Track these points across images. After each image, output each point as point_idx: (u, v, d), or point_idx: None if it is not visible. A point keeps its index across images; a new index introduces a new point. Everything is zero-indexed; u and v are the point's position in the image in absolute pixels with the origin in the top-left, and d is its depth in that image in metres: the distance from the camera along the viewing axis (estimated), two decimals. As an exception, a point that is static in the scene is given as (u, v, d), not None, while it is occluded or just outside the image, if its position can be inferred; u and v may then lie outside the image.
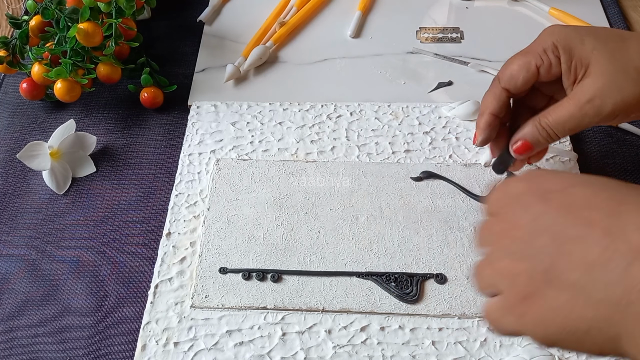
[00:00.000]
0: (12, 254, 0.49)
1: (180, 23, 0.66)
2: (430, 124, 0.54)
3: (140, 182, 0.53)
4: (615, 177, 0.42)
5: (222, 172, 0.51)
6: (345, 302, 0.44)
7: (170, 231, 0.48)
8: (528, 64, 0.41)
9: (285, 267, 0.46)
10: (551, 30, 0.41)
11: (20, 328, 0.45)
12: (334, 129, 0.54)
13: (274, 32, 0.63)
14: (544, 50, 0.41)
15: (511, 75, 0.42)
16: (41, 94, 0.57)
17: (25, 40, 0.56)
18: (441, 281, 0.45)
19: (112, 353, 0.44)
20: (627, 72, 0.38)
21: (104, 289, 0.47)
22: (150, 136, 0.56)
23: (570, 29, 0.41)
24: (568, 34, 0.41)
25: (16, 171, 0.54)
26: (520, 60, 0.42)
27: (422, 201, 0.49)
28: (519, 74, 0.42)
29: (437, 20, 0.65)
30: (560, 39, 0.41)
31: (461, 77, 0.59)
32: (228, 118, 0.55)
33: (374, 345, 0.42)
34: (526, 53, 0.42)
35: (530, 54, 0.42)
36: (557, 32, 0.41)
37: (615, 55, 0.39)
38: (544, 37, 0.42)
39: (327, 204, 0.49)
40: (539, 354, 0.41)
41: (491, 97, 0.43)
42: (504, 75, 0.43)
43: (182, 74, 0.61)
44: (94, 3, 0.53)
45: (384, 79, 0.59)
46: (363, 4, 0.66)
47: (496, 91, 0.43)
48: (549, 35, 0.41)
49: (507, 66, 0.43)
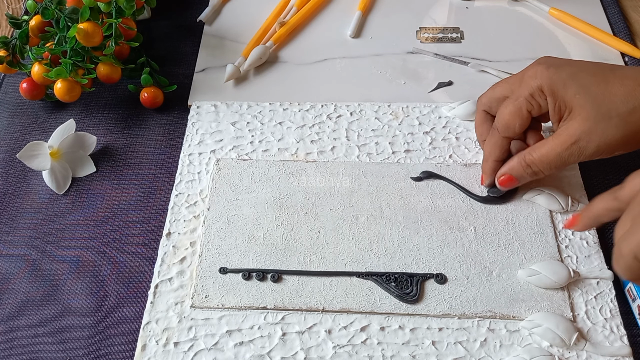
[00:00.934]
0: (12, 254, 0.49)
1: (180, 23, 0.66)
2: (430, 124, 0.54)
3: (140, 182, 0.53)
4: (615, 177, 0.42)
5: (222, 172, 0.51)
6: (345, 302, 0.44)
7: (170, 231, 0.48)
8: (520, 111, 0.44)
9: (285, 267, 0.46)
10: (534, 74, 0.44)
11: (20, 328, 0.45)
12: (334, 129, 0.54)
13: (274, 32, 0.63)
14: (531, 95, 0.44)
15: (507, 125, 0.45)
16: (41, 94, 0.57)
17: (25, 40, 0.56)
18: (441, 281, 0.45)
19: (112, 353, 0.44)
20: (610, 118, 0.41)
21: (104, 289, 0.47)
22: (150, 136, 0.56)
23: (553, 71, 0.43)
24: (551, 78, 0.43)
25: (16, 171, 0.54)
26: (511, 107, 0.44)
27: (422, 201, 0.49)
28: (514, 123, 0.45)
29: (437, 20, 0.65)
30: (544, 83, 0.43)
31: (461, 77, 0.59)
32: (228, 118, 0.55)
33: (374, 345, 0.42)
34: (515, 99, 0.44)
35: (519, 100, 0.44)
36: (540, 76, 0.43)
37: (598, 101, 0.41)
38: (528, 81, 0.44)
39: (327, 204, 0.49)
40: (539, 354, 0.41)
41: (493, 146, 0.47)
42: (500, 125, 0.45)
43: (182, 74, 0.61)
44: (94, 3, 0.53)
45: (384, 79, 0.59)
46: (363, 4, 0.66)
47: (497, 140, 0.46)
48: (533, 79, 0.44)
49: (500, 116, 0.45)
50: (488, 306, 0.43)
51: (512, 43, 0.62)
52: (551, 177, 0.49)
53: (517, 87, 0.45)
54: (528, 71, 0.44)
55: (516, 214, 0.48)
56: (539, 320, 0.42)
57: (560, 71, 0.43)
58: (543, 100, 0.44)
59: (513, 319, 0.43)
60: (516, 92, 0.45)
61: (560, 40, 0.62)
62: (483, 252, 0.46)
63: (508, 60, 0.60)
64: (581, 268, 0.45)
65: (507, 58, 0.60)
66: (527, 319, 0.43)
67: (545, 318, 0.42)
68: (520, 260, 0.46)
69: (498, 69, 0.59)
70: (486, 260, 0.46)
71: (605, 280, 0.44)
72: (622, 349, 0.41)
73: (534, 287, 0.44)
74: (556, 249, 0.46)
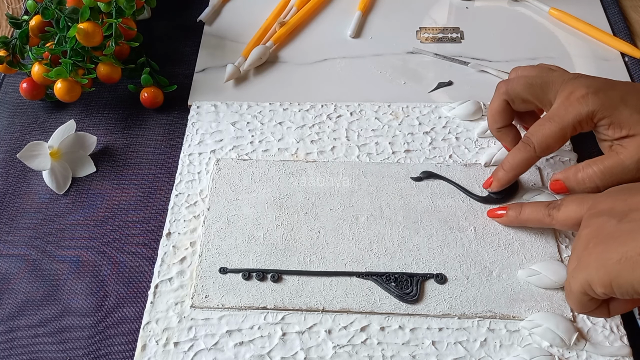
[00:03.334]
0: (12, 254, 0.49)
1: (180, 23, 0.66)
2: (430, 124, 0.54)
3: (140, 182, 0.53)
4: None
5: (222, 172, 0.51)
6: (345, 302, 0.44)
7: (170, 231, 0.48)
8: (564, 137, 0.44)
9: (285, 267, 0.46)
10: (584, 100, 0.43)
11: (20, 328, 0.45)
12: (334, 129, 0.54)
13: (274, 32, 0.63)
14: (579, 122, 0.43)
15: (547, 146, 0.44)
16: (41, 94, 0.57)
17: (25, 40, 0.56)
18: (441, 281, 0.45)
19: (112, 353, 0.44)
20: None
21: (104, 289, 0.47)
22: (150, 136, 0.56)
23: (602, 96, 0.42)
24: (603, 104, 0.42)
25: (16, 171, 0.54)
26: (555, 130, 0.44)
27: (422, 201, 0.49)
28: (554, 145, 0.44)
29: (437, 20, 0.65)
30: (596, 109, 0.42)
31: (461, 77, 0.59)
32: (228, 118, 0.55)
33: (374, 345, 0.42)
34: (559, 121, 0.43)
35: (564, 124, 0.43)
36: (592, 102, 0.42)
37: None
38: (577, 106, 0.43)
39: (327, 204, 0.49)
40: (539, 354, 0.41)
41: (521, 162, 0.46)
42: (539, 146, 0.44)
43: (182, 74, 0.61)
44: (94, 3, 0.53)
45: (384, 79, 0.59)
46: (363, 4, 0.66)
47: (529, 157, 0.45)
48: (583, 105, 0.42)
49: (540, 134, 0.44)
50: (488, 306, 0.43)
51: (512, 43, 0.62)
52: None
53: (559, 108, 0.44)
54: (574, 93, 0.43)
55: (516, 214, 0.48)
56: (539, 320, 0.42)
57: (610, 95, 0.43)
58: (587, 126, 0.43)
59: (513, 319, 0.43)
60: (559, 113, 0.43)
61: (560, 40, 0.62)
62: (483, 252, 0.46)
63: (508, 60, 0.60)
64: (581, 268, 0.45)
65: (507, 58, 0.60)
66: (527, 319, 0.43)
67: (545, 318, 0.42)
68: (520, 260, 0.46)
69: (498, 69, 0.59)
70: (486, 260, 0.46)
71: (605, 280, 0.44)
72: (622, 349, 0.41)
73: (534, 287, 0.44)
74: (556, 249, 0.46)
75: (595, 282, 0.36)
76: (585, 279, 0.36)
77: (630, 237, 0.35)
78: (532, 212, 0.45)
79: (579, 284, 0.37)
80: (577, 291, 0.37)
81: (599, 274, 0.35)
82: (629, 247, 0.34)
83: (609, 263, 0.35)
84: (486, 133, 0.53)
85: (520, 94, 0.46)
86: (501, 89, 0.47)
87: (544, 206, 0.44)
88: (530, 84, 0.45)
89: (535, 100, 0.46)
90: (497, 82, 0.48)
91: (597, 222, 0.38)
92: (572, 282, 0.37)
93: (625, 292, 0.35)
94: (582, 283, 0.36)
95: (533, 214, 0.45)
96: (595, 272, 0.35)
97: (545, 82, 0.45)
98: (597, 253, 0.36)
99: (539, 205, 0.45)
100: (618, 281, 0.34)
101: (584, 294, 0.37)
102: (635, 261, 0.34)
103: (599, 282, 0.35)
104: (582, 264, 0.37)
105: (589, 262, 0.36)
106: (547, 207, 0.44)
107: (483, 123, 0.53)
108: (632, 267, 0.34)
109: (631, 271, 0.34)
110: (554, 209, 0.43)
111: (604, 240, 0.36)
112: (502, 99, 0.47)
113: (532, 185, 0.49)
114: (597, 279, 0.35)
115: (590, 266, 0.36)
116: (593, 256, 0.36)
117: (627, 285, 0.34)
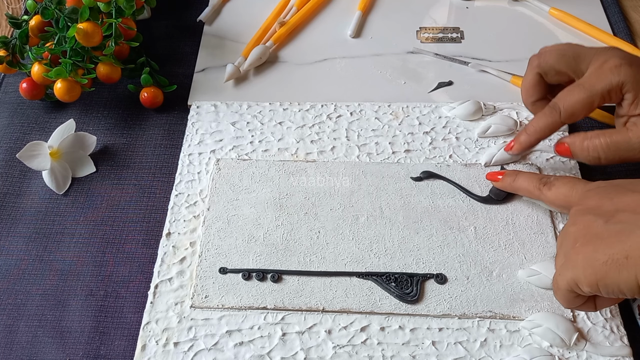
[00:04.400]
0: (12, 254, 0.49)
1: (180, 23, 0.66)
2: (430, 124, 0.54)
3: (140, 182, 0.53)
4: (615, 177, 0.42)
5: (222, 172, 0.51)
6: (345, 302, 0.44)
7: (170, 231, 0.48)
8: (592, 105, 0.43)
9: (285, 267, 0.46)
10: (616, 69, 0.42)
11: (20, 328, 0.45)
12: (334, 129, 0.54)
13: (274, 32, 0.63)
14: (608, 91, 0.42)
15: (573, 113, 0.44)
16: (41, 94, 0.57)
17: (25, 40, 0.56)
18: (441, 281, 0.45)
19: (112, 353, 0.44)
20: None
21: (104, 289, 0.47)
22: (150, 136, 0.56)
23: (636, 69, 0.42)
24: (635, 77, 0.42)
25: (16, 171, 0.54)
26: (583, 97, 0.43)
27: (422, 201, 0.49)
28: (580, 113, 0.44)
29: (437, 20, 0.65)
30: (627, 80, 0.42)
31: (461, 77, 0.59)
32: (228, 118, 0.55)
33: (374, 345, 0.42)
34: (589, 89, 0.43)
35: (593, 93, 0.43)
36: (625, 73, 0.42)
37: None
38: (609, 75, 0.42)
39: (327, 204, 0.49)
40: (539, 354, 0.41)
41: (546, 126, 0.45)
42: (566, 112, 0.44)
43: (182, 74, 0.61)
44: (93, 3, 0.53)
45: (384, 79, 0.59)
46: (363, 4, 0.66)
47: (554, 122, 0.45)
48: (616, 75, 0.42)
49: (568, 101, 0.44)
50: (488, 306, 0.43)
51: (512, 43, 0.62)
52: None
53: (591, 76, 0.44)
54: (608, 62, 0.43)
55: (516, 214, 0.48)
56: (539, 320, 0.42)
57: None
58: (615, 96, 0.43)
59: (513, 319, 0.43)
60: (590, 81, 0.43)
61: (561, 40, 0.62)
62: (483, 252, 0.46)
63: (508, 60, 0.60)
64: (581, 268, 0.45)
65: (507, 58, 0.60)
66: (527, 319, 0.43)
67: (546, 318, 0.42)
68: (521, 260, 0.46)
69: (498, 69, 0.59)
70: (486, 260, 0.46)
71: (605, 280, 0.44)
72: (622, 349, 0.41)
73: (534, 287, 0.44)
74: (556, 249, 0.46)
75: (582, 282, 0.36)
76: (572, 278, 0.37)
77: (617, 239, 0.35)
78: (524, 182, 0.46)
79: (566, 281, 0.37)
80: (564, 288, 0.38)
81: (585, 274, 0.36)
82: (616, 250, 0.35)
83: (596, 264, 0.35)
84: (486, 133, 0.53)
85: (553, 65, 0.46)
86: (534, 62, 0.47)
87: (537, 179, 0.45)
88: (562, 54, 0.46)
89: (569, 71, 0.45)
90: (497, 82, 0.48)
91: (585, 221, 0.38)
92: (559, 279, 0.38)
93: (611, 292, 0.35)
94: (569, 281, 0.37)
95: (525, 184, 0.46)
96: (582, 272, 0.36)
97: (578, 52, 0.45)
98: (585, 253, 0.36)
99: (533, 177, 0.45)
100: (604, 282, 0.35)
101: (570, 291, 0.37)
102: (621, 263, 0.34)
103: (586, 282, 0.36)
104: (570, 262, 0.37)
105: (576, 261, 0.37)
106: (539, 181, 0.44)
107: (483, 123, 0.53)
108: (618, 269, 0.34)
109: (617, 273, 0.34)
110: (545, 186, 0.44)
111: (591, 241, 0.37)
112: (535, 72, 0.47)
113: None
114: (583, 279, 0.36)
115: (578, 266, 0.36)
116: (580, 256, 0.36)
117: (613, 285, 0.35)
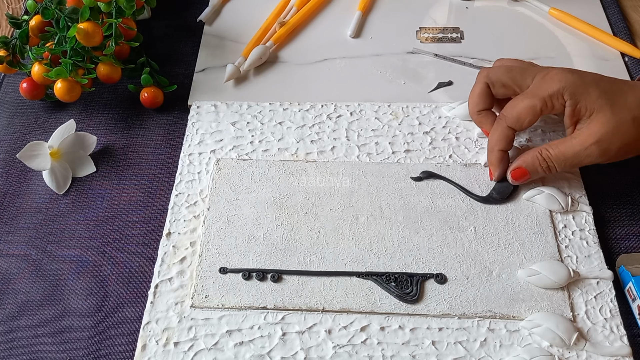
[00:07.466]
0: (12, 254, 0.49)
1: (180, 23, 0.66)
2: (430, 124, 0.54)
3: (140, 182, 0.53)
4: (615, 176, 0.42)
5: (222, 172, 0.51)
6: (345, 302, 0.44)
7: (170, 231, 0.48)
8: (534, 108, 0.46)
9: (285, 267, 0.46)
10: (558, 77, 0.46)
11: (20, 328, 0.45)
12: (334, 129, 0.54)
13: (274, 32, 0.63)
14: (550, 96, 0.45)
15: (518, 117, 0.47)
16: (41, 94, 0.57)
17: (25, 40, 0.56)
18: (441, 281, 0.45)
19: (112, 353, 0.44)
20: (627, 120, 0.44)
21: (104, 289, 0.47)
22: (150, 136, 0.56)
23: (577, 77, 0.45)
24: (575, 83, 0.45)
25: (16, 171, 0.54)
26: (527, 103, 0.46)
27: (422, 201, 0.49)
28: (525, 117, 0.46)
29: (437, 20, 0.65)
30: (567, 86, 0.45)
31: (461, 77, 0.59)
32: (228, 118, 0.55)
33: (374, 345, 0.42)
34: (532, 96, 0.46)
35: (536, 98, 0.46)
36: (565, 79, 0.45)
37: (618, 105, 0.44)
38: (550, 83, 0.46)
39: (327, 204, 0.49)
40: (539, 354, 0.41)
41: (498, 135, 0.48)
42: (511, 117, 0.47)
43: (182, 74, 0.61)
44: (94, 3, 0.53)
45: (384, 79, 0.59)
46: (363, 4, 0.66)
47: (502, 130, 0.48)
48: (557, 82, 0.45)
49: (512, 108, 0.47)
50: (488, 306, 0.43)
51: (512, 43, 0.62)
52: (551, 177, 0.49)
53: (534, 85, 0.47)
54: (550, 73, 0.46)
55: (516, 214, 0.48)
56: (539, 320, 0.42)
57: (584, 76, 0.46)
58: (558, 103, 0.45)
59: (513, 319, 0.43)
60: (533, 89, 0.46)
61: (560, 40, 0.62)
62: (483, 252, 0.46)
63: (508, 60, 0.60)
64: (581, 268, 0.45)
65: (508, 58, 0.60)
66: (527, 319, 0.43)
67: (545, 318, 0.42)
68: (520, 260, 0.46)
69: (498, 69, 0.59)
70: (486, 260, 0.46)
71: (605, 280, 0.44)
72: (622, 349, 0.41)
73: (534, 287, 0.44)
74: (556, 249, 0.46)
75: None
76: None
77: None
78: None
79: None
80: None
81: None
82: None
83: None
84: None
85: (500, 78, 0.49)
86: (483, 72, 0.50)
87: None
88: (510, 69, 0.49)
89: (514, 85, 0.48)
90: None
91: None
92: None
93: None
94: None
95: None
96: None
97: (524, 68, 0.49)
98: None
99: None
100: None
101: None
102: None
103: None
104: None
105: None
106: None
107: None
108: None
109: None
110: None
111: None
112: (483, 82, 0.50)
113: (532, 185, 0.49)
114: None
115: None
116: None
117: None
